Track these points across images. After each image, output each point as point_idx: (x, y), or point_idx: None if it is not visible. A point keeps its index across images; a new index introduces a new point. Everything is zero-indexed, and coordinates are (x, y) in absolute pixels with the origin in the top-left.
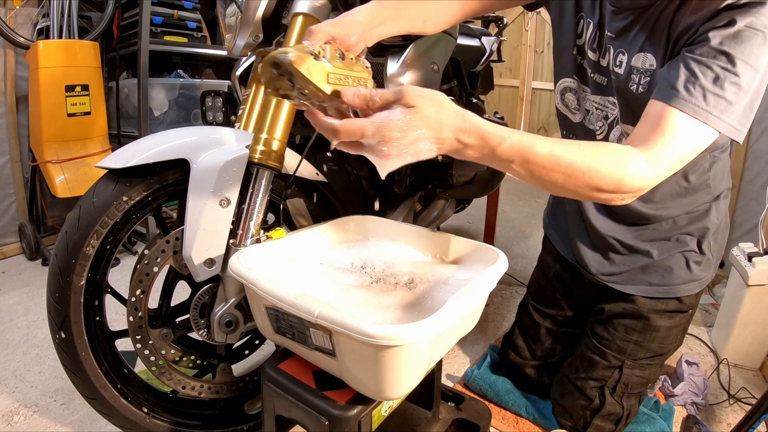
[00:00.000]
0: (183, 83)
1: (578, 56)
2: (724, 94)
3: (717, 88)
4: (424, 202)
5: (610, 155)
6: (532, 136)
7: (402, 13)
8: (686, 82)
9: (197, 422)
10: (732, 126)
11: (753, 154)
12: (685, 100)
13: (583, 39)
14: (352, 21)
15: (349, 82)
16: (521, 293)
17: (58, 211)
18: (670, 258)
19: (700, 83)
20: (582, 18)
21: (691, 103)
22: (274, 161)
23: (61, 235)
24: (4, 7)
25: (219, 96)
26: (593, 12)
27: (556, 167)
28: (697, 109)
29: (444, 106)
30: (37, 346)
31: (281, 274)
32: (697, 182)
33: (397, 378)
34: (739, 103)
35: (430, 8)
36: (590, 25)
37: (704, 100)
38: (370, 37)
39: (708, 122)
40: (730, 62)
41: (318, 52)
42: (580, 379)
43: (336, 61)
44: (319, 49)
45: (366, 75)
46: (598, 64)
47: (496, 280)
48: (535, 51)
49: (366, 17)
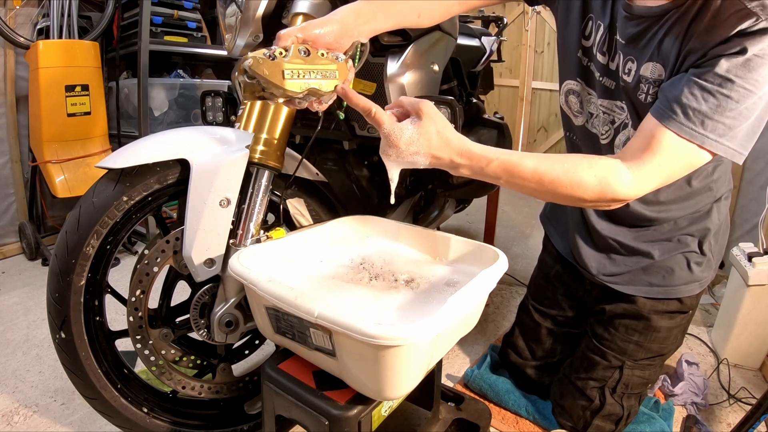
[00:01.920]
0: (183, 83)
1: (584, 58)
2: (723, 120)
3: (717, 114)
4: (424, 202)
5: (593, 169)
6: (520, 155)
7: (391, 8)
8: (687, 105)
9: (197, 422)
10: (732, 149)
11: (753, 154)
12: (682, 123)
13: (591, 41)
14: (328, 20)
15: (312, 75)
16: (521, 293)
17: (58, 211)
18: (671, 259)
19: (701, 109)
20: (591, 19)
21: (688, 128)
22: (274, 161)
23: (61, 235)
24: (4, 7)
25: (219, 96)
26: (604, 14)
27: (539, 182)
28: (693, 134)
29: (444, 132)
30: (37, 346)
31: (281, 274)
32: (699, 186)
33: (397, 378)
34: (740, 128)
35: (423, 2)
36: (600, 27)
37: (702, 125)
38: (359, 33)
39: (704, 146)
40: (735, 90)
41: (279, 53)
42: (581, 380)
43: (297, 59)
44: (281, 50)
45: (333, 67)
46: (607, 68)
47: (496, 280)
48: (535, 51)
49: (349, 15)
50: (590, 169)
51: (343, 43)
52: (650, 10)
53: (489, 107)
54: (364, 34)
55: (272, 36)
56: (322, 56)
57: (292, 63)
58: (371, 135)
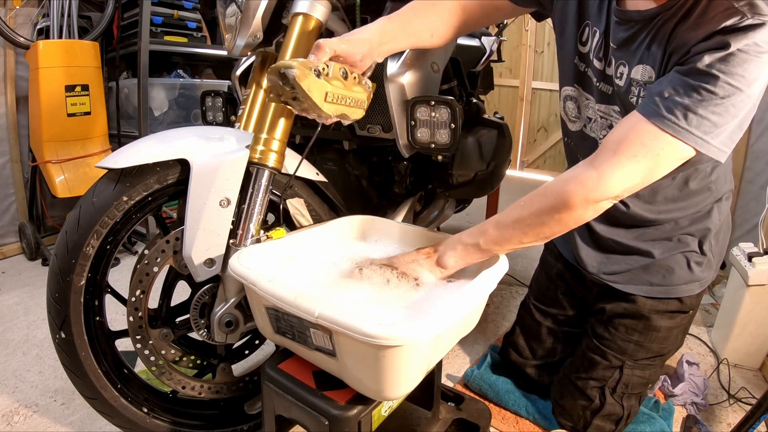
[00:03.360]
0: (183, 83)
1: (582, 64)
2: (708, 115)
3: (702, 109)
4: (424, 202)
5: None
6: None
7: (409, 28)
8: (669, 99)
9: (197, 422)
10: (716, 147)
11: (753, 154)
12: (664, 117)
13: (588, 47)
14: (360, 39)
15: (346, 102)
16: (521, 293)
17: (58, 211)
18: (671, 258)
19: (683, 103)
20: (588, 25)
21: (671, 121)
22: (274, 161)
23: (61, 235)
24: (4, 7)
25: (219, 96)
26: (600, 20)
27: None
28: (676, 128)
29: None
30: (37, 346)
31: (281, 274)
32: (698, 187)
33: (397, 378)
34: (725, 126)
35: (435, 22)
36: (596, 33)
37: (685, 119)
38: (378, 54)
39: (688, 141)
40: (719, 86)
41: (322, 69)
42: (581, 379)
43: (337, 81)
44: (324, 66)
45: (364, 97)
46: (603, 73)
47: (497, 280)
48: (535, 51)
49: (375, 35)
50: (551, 183)
51: (366, 62)
52: (640, 13)
53: (489, 107)
54: (383, 54)
55: (272, 36)
56: (354, 79)
57: (334, 86)
58: (371, 135)
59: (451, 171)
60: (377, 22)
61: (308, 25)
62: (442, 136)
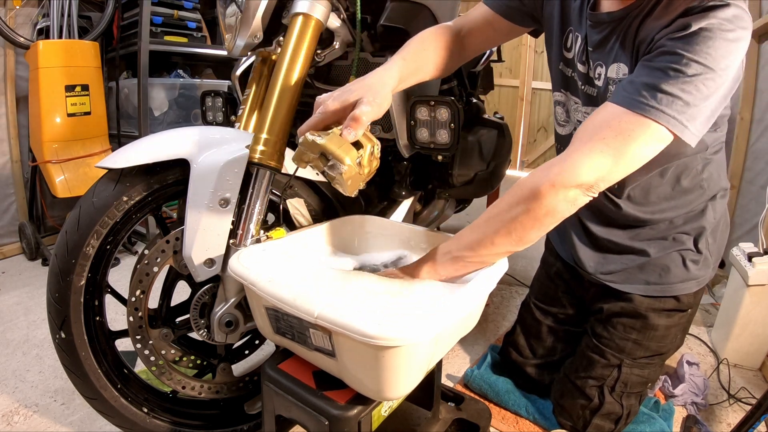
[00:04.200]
0: (183, 83)
1: (567, 69)
2: (677, 93)
3: (669, 86)
4: (424, 202)
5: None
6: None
7: (421, 66)
8: (637, 83)
9: (197, 422)
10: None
11: (753, 154)
12: (631, 98)
13: (572, 52)
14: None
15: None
16: (521, 293)
17: (58, 211)
18: (667, 256)
19: (651, 83)
20: (571, 31)
21: (639, 102)
22: (274, 161)
23: (61, 235)
24: (4, 7)
25: (219, 96)
26: (580, 25)
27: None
28: (645, 107)
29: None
30: (37, 346)
31: (281, 274)
32: (689, 185)
33: (396, 378)
34: (698, 106)
35: (441, 57)
36: (578, 38)
37: (654, 99)
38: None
39: (660, 120)
40: (686, 64)
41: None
42: (580, 379)
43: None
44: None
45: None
46: (587, 76)
47: (496, 280)
48: (535, 51)
49: (394, 80)
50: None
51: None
52: (610, 15)
53: (489, 107)
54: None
55: (272, 36)
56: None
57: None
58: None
59: (451, 171)
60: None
61: (308, 25)
62: (442, 136)
